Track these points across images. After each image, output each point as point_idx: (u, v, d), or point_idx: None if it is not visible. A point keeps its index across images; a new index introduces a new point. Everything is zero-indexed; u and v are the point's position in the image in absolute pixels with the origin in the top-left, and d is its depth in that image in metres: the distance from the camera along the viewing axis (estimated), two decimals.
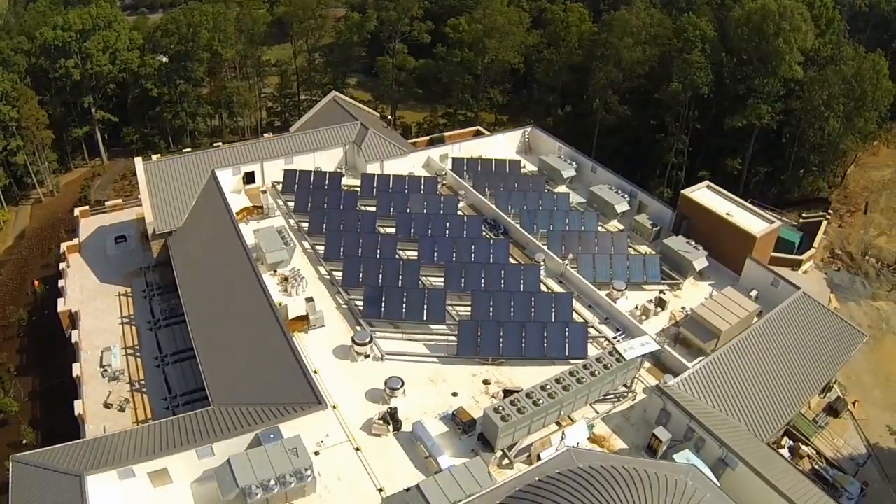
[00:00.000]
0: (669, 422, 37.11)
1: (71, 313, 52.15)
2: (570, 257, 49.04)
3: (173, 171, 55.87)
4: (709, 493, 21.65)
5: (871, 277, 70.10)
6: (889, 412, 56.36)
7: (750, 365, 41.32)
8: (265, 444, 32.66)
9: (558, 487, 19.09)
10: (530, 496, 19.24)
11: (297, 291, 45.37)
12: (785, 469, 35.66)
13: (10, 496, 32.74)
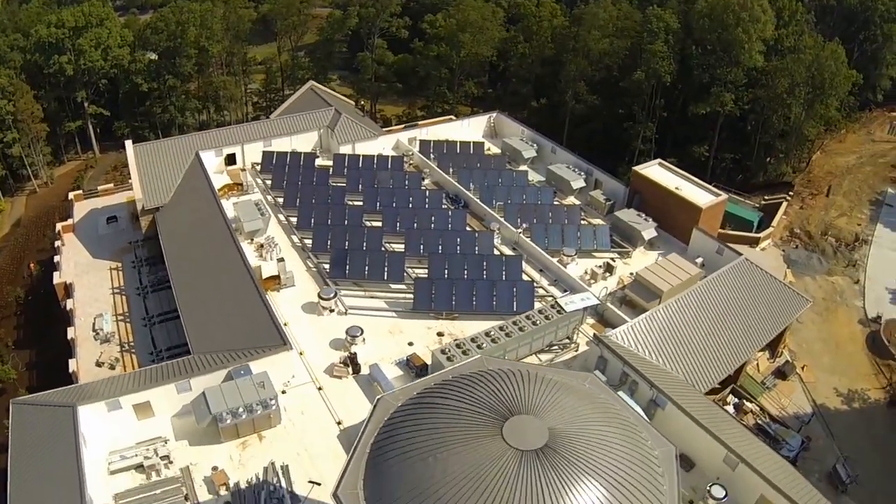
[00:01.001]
0: (606, 368, 42.13)
1: (66, 285, 57.37)
2: (523, 227, 54.25)
3: (161, 153, 61.24)
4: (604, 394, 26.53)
5: (828, 254, 75.17)
6: (837, 376, 61.27)
7: (687, 321, 46.28)
8: (236, 379, 37.83)
9: (465, 382, 24.08)
10: (440, 389, 24.19)
11: (271, 256, 50.65)
12: (712, 410, 40.73)
13: (10, 433, 37.82)
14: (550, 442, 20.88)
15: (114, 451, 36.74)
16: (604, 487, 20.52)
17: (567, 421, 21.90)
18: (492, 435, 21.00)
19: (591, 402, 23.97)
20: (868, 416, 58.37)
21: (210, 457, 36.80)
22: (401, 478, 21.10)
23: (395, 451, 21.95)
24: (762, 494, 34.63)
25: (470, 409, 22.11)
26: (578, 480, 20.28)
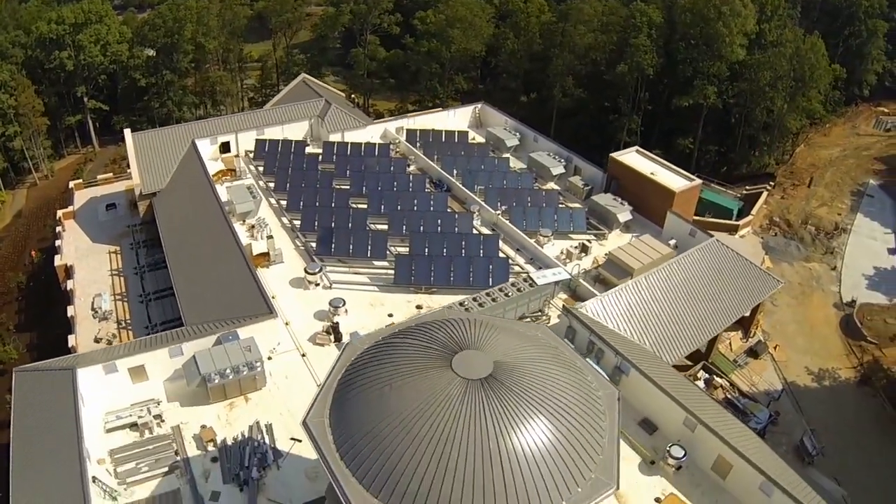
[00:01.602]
0: (575, 338, 45.08)
1: (66, 267, 60.50)
2: (502, 209, 57.26)
3: (158, 142, 64.48)
4: (553, 341, 29.40)
5: (806, 242, 78.12)
6: (809, 356, 64.13)
7: (655, 296, 49.18)
8: (224, 344, 40.85)
9: (423, 327, 27.04)
10: (401, 334, 27.13)
11: (262, 236, 53.71)
12: (674, 377, 43.54)
13: (13, 399, 40.77)
14: (495, 372, 23.78)
15: (110, 411, 39.64)
16: (543, 416, 23.38)
17: (512, 356, 24.80)
18: (442, 366, 23.94)
19: (537, 344, 26.92)
20: (838, 393, 61.16)
21: (199, 416, 39.74)
22: (360, 405, 24.07)
23: (357, 384, 24.94)
24: (720, 454, 37.24)
25: (424, 346, 25.08)
26: (519, 407, 23.16)
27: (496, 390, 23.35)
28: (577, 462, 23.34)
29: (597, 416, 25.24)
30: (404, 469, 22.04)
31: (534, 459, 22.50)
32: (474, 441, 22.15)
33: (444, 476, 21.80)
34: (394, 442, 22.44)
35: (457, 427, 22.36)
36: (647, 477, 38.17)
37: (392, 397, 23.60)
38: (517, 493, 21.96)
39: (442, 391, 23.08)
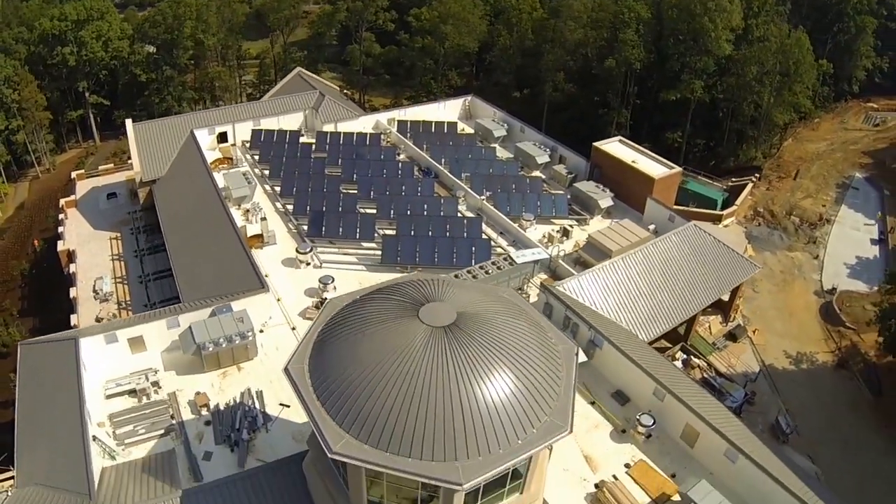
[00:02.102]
0: (552, 314, 47.80)
1: (69, 252, 63.52)
2: (487, 194, 60.07)
3: (158, 131, 67.47)
4: (516, 300, 32.04)
5: (789, 232, 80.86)
6: (787, 340, 66.85)
7: (631, 277, 51.83)
8: (218, 315, 43.68)
9: (396, 285, 29.80)
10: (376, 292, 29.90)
11: (257, 220, 56.59)
12: (646, 351, 46.15)
13: (18, 370, 43.70)
14: (458, 321, 26.48)
15: (110, 379, 42.34)
16: (502, 361, 25.99)
17: (475, 308, 27.54)
18: (409, 316, 26.66)
19: (501, 300, 29.70)
20: (815, 376, 63.84)
21: (194, 384, 42.46)
22: (335, 352, 26.83)
23: (334, 334, 27.71)
24: (687, 423, 39.64)
25: (395, 300, 27.87)
26: (480, 352, 25.77)
27: (458, 337, 26.00)
28: (532, 406, 25.94)
29: (554, 366, 27.87)
30: (373, 407, 24.74)
31: (492, 400, 25.11)
32: (437, 382, 24.81)
33: (408, 413, 24.48)
34: (364, 383, 25.15)
35: (421, 369, 25.03)
36: (618, 444, 40.59)
37: (364, 342, 26.35)
38: (475, 429, 24.59)
39: (409, 337, 25.78)
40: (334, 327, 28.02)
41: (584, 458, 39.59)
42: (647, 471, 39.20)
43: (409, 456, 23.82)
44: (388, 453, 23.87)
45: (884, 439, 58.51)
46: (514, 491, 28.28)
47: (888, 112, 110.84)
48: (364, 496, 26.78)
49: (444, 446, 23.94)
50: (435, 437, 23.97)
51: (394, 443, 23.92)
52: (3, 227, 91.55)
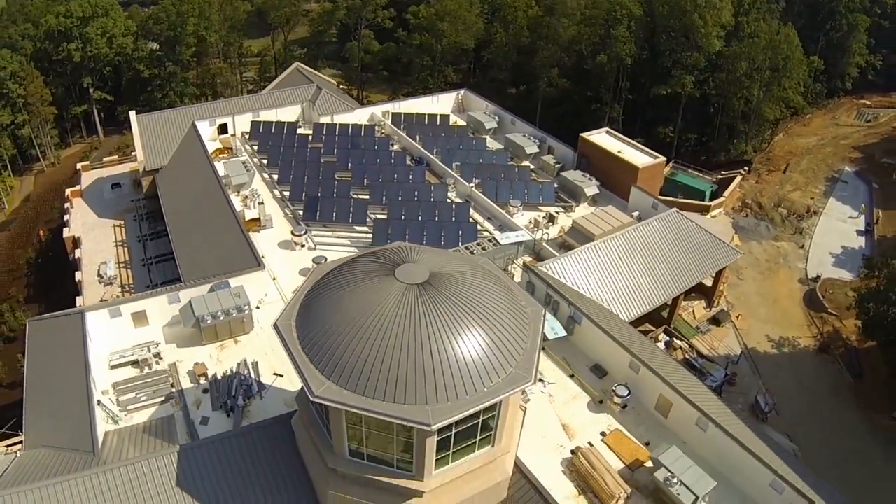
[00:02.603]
0: (534, 292, 50.47)
1: (74, 238, 66.56)
2: (476, 182, 62.89)
3: (161, 123, 70.65)
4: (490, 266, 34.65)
5: (776, 223, 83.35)
6: (770, 325, 69.29)
7: (612, 259, 54.45)
8: (217, 291, 46.54)
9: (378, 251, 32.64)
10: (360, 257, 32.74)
11: (255, 206, 59.52)
12: (623, 328, 48.83)
13: (27, 345, 46.37)
14: (431, 279, 29.20)
15: (114, 351, 45.20)
16: (470, 315, 28.52)
17: (447, 269, 30.28)
18: (387, 275, 29.45)
19: (474, 264, 32.48)
20: (796, 360, 66.22)
21: (193, 355, 45.26)
22: (319, 307, 29.60)
23: (318, 293, 30.53)
24: (661, 394, 42.18)
25: (374, 262, 30.68)
26: (450, 306, 28.39)
27: (430, 293, 28.60)
28: (499, 357, 28.50)
29: (522, 324, 30.48)
30: (351, 356, 27.36)
31: (461, 351, 27.63)
32: (410, 333, 27.43)
33: (384, 361, 27.08)
34: (344, 334, 27.83)
35: (396, 321, 27.67)
36: (595, 414, 43.12)
37: (344, 299, 29.12)
38: (444, 377, 27.15)
39: (385, 293, 28.49)
40: (319, 287, 30.82)
41: (562, 427, 42.19)
42: (622, 439, 41.70)
43: (383, 399, 26.51)
44: (364, 397, 26.57)
45: (863, 421, 60.76)
46: (486, 443, 30.95)
47: (881, 108, 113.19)
48: (345, 443, 29.53)
49: (416, 391, 26.62)
50: (407, 383, 26.65)
51: (370, 388, 26.62)
52: (9, 218, 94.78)
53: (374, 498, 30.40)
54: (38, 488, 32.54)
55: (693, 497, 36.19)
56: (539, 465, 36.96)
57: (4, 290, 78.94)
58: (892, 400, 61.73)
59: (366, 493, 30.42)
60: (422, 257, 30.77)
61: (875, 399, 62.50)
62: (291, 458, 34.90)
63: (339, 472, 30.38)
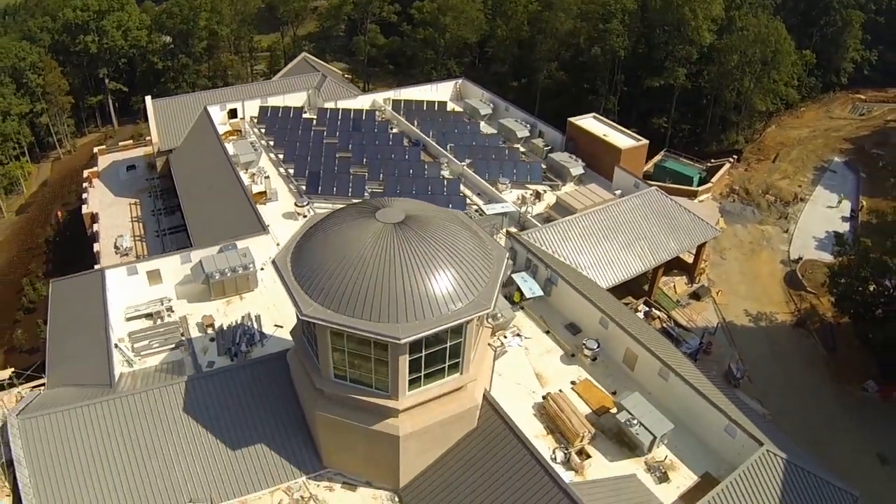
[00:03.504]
0: (516, 258, 55.67)
1: (92, 214, 72.36)
2: (468, 161, 68.19)
3: (174, 107, 76.56)
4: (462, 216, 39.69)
5: (762, 208, 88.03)
6: (749, 301, 73.74)
7: (592, 230, 59.50)
8: (225, 252, 52.04)
9: (367, 201, 37.96)
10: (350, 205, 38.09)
11: (261, 181, 65.10)
12: (596, 289, 53.88)
13: (50, 303, 51.83)
14: (406, 220, 34.38)
15: (130, 306, 50.79)
16: (439, 249, 33.60)
17: (421, 213, 35.48)
18: (368, 217, 34.73)
19: (447, 212, 37.73)
20: (773, 333, 70.57)
21: (202, 309, 50.67)
22: (310, 244, 34.91)
23: (310, 234, 35.92)
24: (628, 347, 46.96)
25: (358, 208, 36.07)
26: (422, 241, 33.51)
27: (404, 230, 33.32)
28: (462, 287, 33.20)
29: (485, 261, 35.24)
30: (336, 281, 32.27)
31: (429, 278, 32.24)
32: (386, 262, 32.31)
33: (363, 286, 31.91)
34: (329, 263, 32.91)
35: (374, 252, 32.47)
36: (567, 366, 48.01)
37: (331, 235, 34.37)
38: (413, 300, 31.83)
39: (365, 229, 33.53)
40: (311, 230, 36.21)
41: (536, 376, 47.17)
42: (590, 387, 46.63)
43: (361, 318, 31.66)
44: (345, 315, 31.76)
45: (834, 391, 64.69)
46: (454, 370, 35.87)
47: (875, 103, 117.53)
48: (330, 366, 34.69)
49: (389, 311, 31.70)
50: (381, 304, 31.74)
51: (350, 307, 31.77)
52: (28, 201, 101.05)
53: (355, 417, 35.48)
54: (59, 412, 37.92)
55: (651, 437, 40.92)
56: (512, 407, 41.27)
57: (24, 266, 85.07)
58: (864, 372, 65.87)
59: (348, 413, 35.46)
60: (400, 204, 36.01)
61: (847, 371, 66.45)
62: (286, 388, 40.24)
63: (325, 393, 35.55)
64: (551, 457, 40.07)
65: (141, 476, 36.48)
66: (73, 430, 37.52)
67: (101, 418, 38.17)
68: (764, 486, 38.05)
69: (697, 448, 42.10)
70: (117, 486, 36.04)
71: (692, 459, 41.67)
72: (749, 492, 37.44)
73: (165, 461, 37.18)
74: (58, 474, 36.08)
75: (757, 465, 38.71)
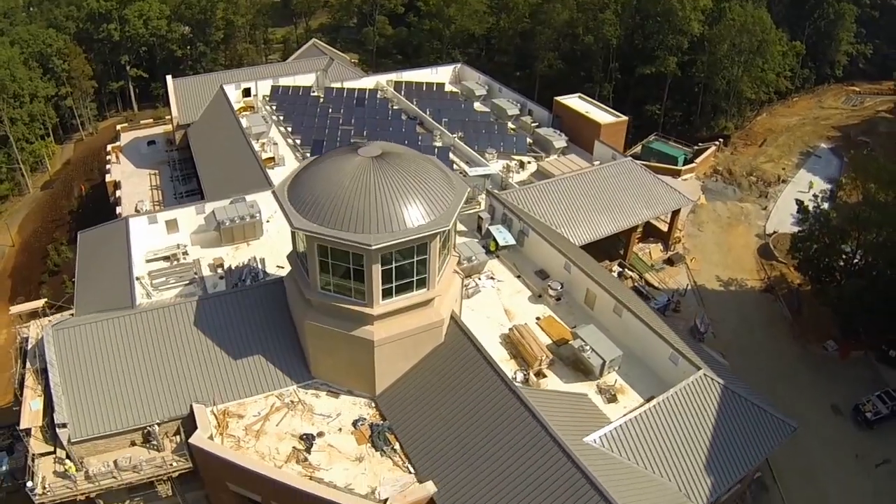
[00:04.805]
0: (494, 213, 63.80)
1: (115, 182, 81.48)
2: (459, 134, 76.59)
3: (193, 85, 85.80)
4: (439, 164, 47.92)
5: (743, 187, 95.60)
6: (721, 268, 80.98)
7: (567, 192, 67.15)
8: (235, 203, 60.72)
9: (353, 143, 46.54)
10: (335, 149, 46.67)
11: (270, 148, 73.94)
12: (563, 240, 61.63)
13: (78, 250, 60.84)
14: (382, 155, 42.64)
15: (150, 250, 59.49)
16: (408, 177, 41.82)
17: (398, 150, 43.89)
18: (352, 153, 43.14)
19: (420, 153, 46.18)
20: (741, 296, 77.71)
21: (214, 254, 59.17)
22: (303, 176, 43.38)
23: (304, 169, 44.47)
24: (588, 288, 54.87)
25: (345, 148, 44.59)
26: (394, 170, 41.59)
27: (380, 162, 41.37)
28: (426, 208, 40.62)
29: (448, 190, 42.44)
30: (321, 201, 40.39)
31: (398, 198, 39.94)
32: (363, 185, 40.40)
33: (343, 204, 39.75)
34: (317, 186, 41.26)
35: (354, 177, 40.39)
36: (534, 305, 55.83)
37: (320, 166, 42.78)
38: (383, 214, 39.22)
39: (348, 161, 41.85)
40: (306, 166, 44.73)
41: (505, 311, 55.02)
42: (553, 323, 54.45)
43: (340, 229, 39.96)
44: (328, 227, 39.99)
45: (795, 349, 71.25)
46: (421, 285, 43.68)
47: (869, 95, 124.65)
48: (318, 279, 42.71)
49: (363, 224, 39.43)
50: (357, 219, 39.62)
51: (332, 221, 39.71)
52: (52, 178, 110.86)
53: (337, 324, 43.09)
54: (87, 324, 46.39)
55: (601, 361, 48.33)
56: (481, 336, 48.05)
57: (49, 235, 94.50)
58: (825, 332, 72.65)
59: (332, 321, 43.16)
60: (380, 144, 44.42)
61: (809, 332, 73.17)
62: (282, 310, 48.40)
63: (313, 303, 43.56)
64: (512, 377, 46.29)
65: (154, 380, 44.53)
66: (98, 339, 45.77)
67: (122, 330, 46.41)
68: (698, 407, 44.88)
69: (645, 375, 49.32)
70: (134, 389, 44.07)
71: (639, 384, 48.83)
72: (683, 410, 44.27)
73: (176, 368, 45.23)
74: (83, 378, 44.05)
75: (692, 386, 45.62)
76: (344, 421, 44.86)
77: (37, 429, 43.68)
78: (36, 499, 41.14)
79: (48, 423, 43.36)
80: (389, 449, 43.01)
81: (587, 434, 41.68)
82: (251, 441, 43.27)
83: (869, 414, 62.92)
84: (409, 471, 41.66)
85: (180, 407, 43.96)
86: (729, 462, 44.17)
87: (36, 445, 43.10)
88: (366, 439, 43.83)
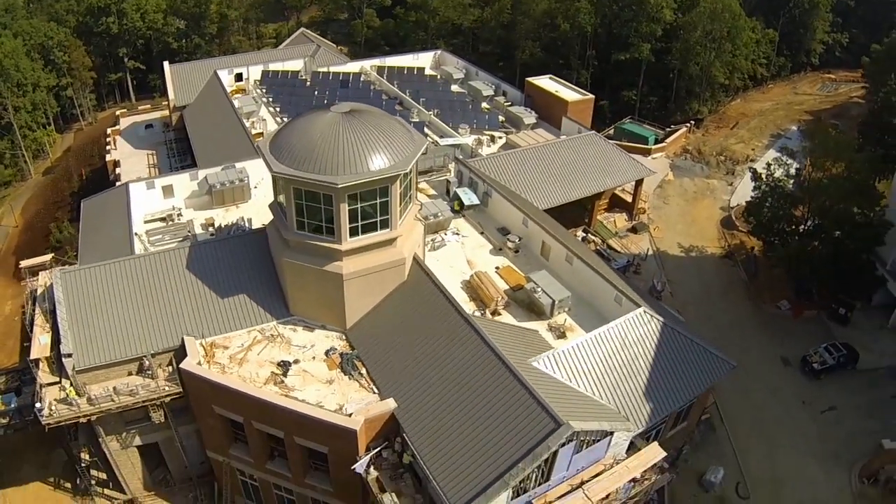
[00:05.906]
0: (462, 178, 72.02)
1: (115, 161, 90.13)
2: (435, 111, 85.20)
3: (188, 70, 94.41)
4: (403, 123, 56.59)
5: (711, 165, 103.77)
6: (682, 236, 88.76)
7: (529, 161, 75.09)
8: (226, 169, 69.30)
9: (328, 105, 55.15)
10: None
11: (259, 125, 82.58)
12: (525, 201, 69.89)
13: (81, 217, 69.35)
14: (352, 111, 50.56)
15: (148, 212, 67.95)
16: (373, 127, 49.78)
17: (365, 108, 52.28)
18: (325, 110, 51.51)
19: (385, 112, 54.76)
20: (700, 262, 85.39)
21: (206, 215, 67.50)
22: (282, 131, 51.71)
23: (283, 126, 52.98)
24: (543, 241, 62.53)
25: (320, 107, 53.17)
26: (360, 123, 49.58)
27: (348, 117, 49.00)
28: (387, 155, 48.01)
29: (408, 142, 49.65)
30: (297, 148, 48.49)
31: (363, 146, 47.55)
32: (333, 135, 47.92)
33: (315, 150, 47.54)
34: (293, 138, 49.41)
35: (325, 128, 48.31)
36: (494, 257, 63.21)
37: (297, 122, 51.06)
38: (349, 158, 46.77)
39: (321, 117, 49.96)
40: (285, 124, 53.27)
41: (467, 262, 62.84)
42: (511, 272, 62.00)
43: (313, 172, 48.19)
44: (301, 171, 48.16)
45: (750, 308, 78.50)
46: (385, 225, 51.51)
47: (844, 82, 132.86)
48: (294, 219, 50.64)
49: (332, 166, 47.09)
50: (327, 162, 47.43)
51: (306, 165, 47.59)
52: (53, 165, 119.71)
53: (311, 261, 50.25)
54: (91, 267, 53.47)
55: (550, 301, 55.86)
56: (444, 281, 54.46)
57: (51, 215, 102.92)
58: (780, 294, 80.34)
59: (306, 258, 50.51)
60: (350, 104, 52.71)
61: (765, 293, 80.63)
62: (265, 255, 56.20)
63: (290, 243, 51.37)
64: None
65: (150, 316, 51.46)
66: (101, 281, 52.87)
67: (122, 273, 53.46)
68: (639, 340, 51.50)
69: (592, 315, 56.21)
70: (132, 324, 51.00)
71: (587, 324, 55.46)
72: (624, 342, 50.98)
73: (169, 305, 52.23)
74: (86, 314, 50.89)
75: (633, 320, 52.50)
76: (317, 351, 51.72)
77: (44, 361, 50.28)
78: (43, 419, 47.69)
79: (55, 357, 49.90)
80: (357, 374, 49.73)
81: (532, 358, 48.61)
82: (234, 368, 50.17)
83: (816, 364, 69.46)
84: (374, 391, 48.54)
85: (173, 339, 50.79)
86: (668, 392, 50.47)
87: (43, 376, 49.65)
88: (336, 366, 50.59)
